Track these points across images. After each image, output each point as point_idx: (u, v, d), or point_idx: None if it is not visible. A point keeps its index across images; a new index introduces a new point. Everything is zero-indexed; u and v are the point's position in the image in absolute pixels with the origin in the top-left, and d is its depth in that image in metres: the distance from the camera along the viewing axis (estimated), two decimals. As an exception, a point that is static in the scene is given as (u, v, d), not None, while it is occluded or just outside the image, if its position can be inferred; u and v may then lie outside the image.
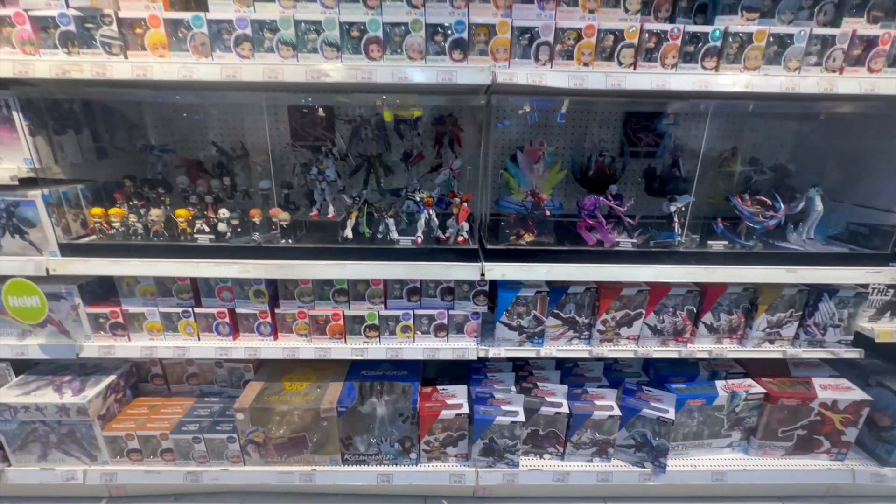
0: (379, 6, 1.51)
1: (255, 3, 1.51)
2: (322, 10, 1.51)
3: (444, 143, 2.13)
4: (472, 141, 2.08)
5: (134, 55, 1.51)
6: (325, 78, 1.48)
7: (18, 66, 1.46)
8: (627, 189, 2.26)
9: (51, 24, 1.47)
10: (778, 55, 1.56)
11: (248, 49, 1.51)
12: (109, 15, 1.46)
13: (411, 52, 1.52)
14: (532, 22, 1.49)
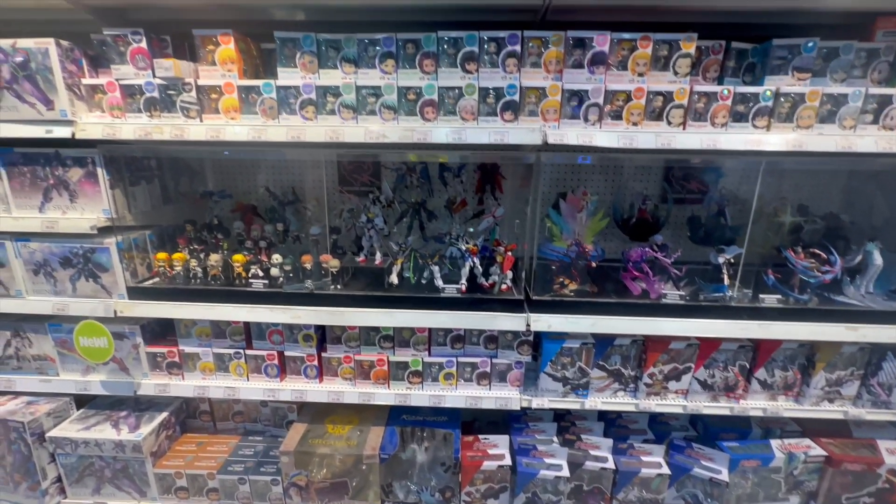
0: (434, 72, 1.59)
1: (320, 70, 1.62)
2: (381, 75, 1.61)
3: (486, 190, 2.18)
4: (513, 187, 2.12)
5: (208, 118, 1.64)
6: (382, 139, 1.56)
7: (107, 129, 1.60)
8: (671, 236, 2.24)
9: (137, 91, 1.62)
10: (832, 114, 1.55)
11: (312, 112, 1.61)
12: (190, 83, 1.59)
13: (464, 114, 1.59)
14: (582, 85, 1.54)
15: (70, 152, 1.71)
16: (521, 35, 1.53)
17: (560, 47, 1.54)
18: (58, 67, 1.55)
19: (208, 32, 1.57)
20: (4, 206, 1.77)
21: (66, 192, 1.75)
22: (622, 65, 1.55)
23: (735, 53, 1.62)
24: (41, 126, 1.61)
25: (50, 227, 1.73)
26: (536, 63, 1.57)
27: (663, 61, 1.56)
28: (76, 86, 1.62)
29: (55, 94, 1.58)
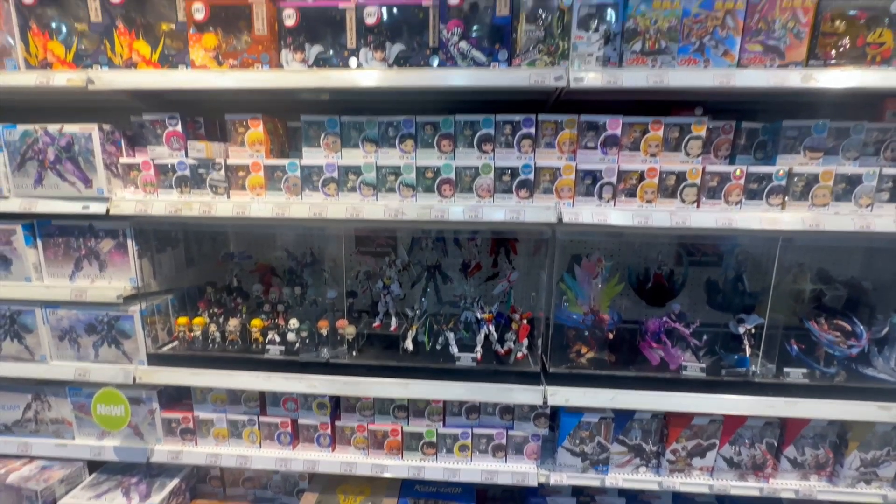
0: (452, 151, 1.66)
1: (343, 149, 1.70)
2: (401, 154, 1.68)
3: (501, 252, 2.20)
4: (527, 249, 2.14)
5: (236, 194, 1.71)
6: (401, 216, 1.61)
7: (140, 205, 1.69)
8: (689, 299, 2.22)
9: (170, 169, 1.71)
10: (847, 192, 1.56)
11: (334, 189, 1.67)
12: (219, 163, 1.68)
13: (480, 192, 1.64)
14: (595, 165, 1.59)
15: (103, 224, 1.79)
16: (535, 118, 1.60)
17: (573, 129, 1.60)
18: (98, 150, 1.65)
19: (239, 117, 1.67)
20: (37, 274, 1.85)
21: (97, 261, 1.82)
22: (634, 146, 1.60)
23: (746, 132, 1.66)
24: (79, 202, 1.70)
25: (78, 296, 1.79)
26: (551, 143, 1.63)
27: (675, 142, 1.60)
28: (114, 165, 1.72)
29: (94, 173, 1.67)
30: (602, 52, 1.51)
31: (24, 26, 1.63)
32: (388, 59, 1.57)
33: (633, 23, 1.45)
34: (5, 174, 1.71)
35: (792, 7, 1.42)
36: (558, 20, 1.50)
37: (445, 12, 1.50)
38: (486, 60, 1.52)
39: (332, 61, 1.59)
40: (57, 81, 1.59)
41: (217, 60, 1.58)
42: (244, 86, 1.55)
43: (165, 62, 1.63)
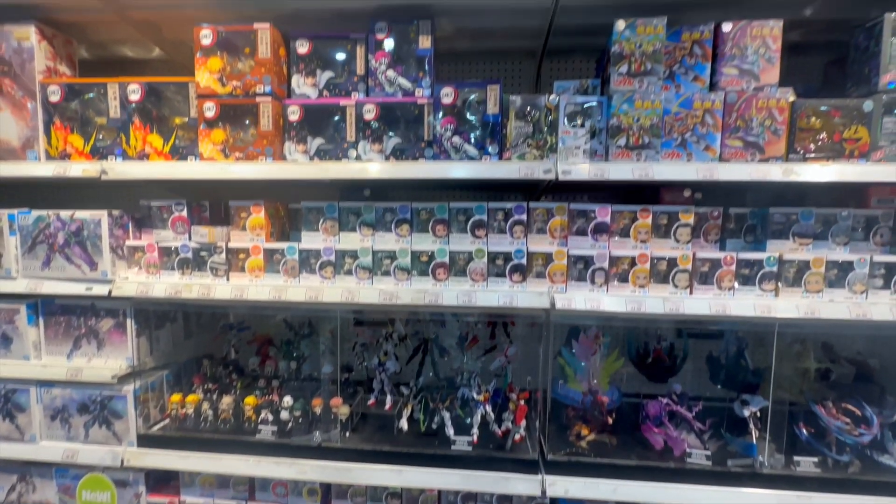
0: (446, 235, 1.70)
1: (340, 233, 1.75)
2: (396, 238, 1.72)
3: (499, 324, 2.20)
4: (524, 321, 2.14)
5: (235, 276, 1.75)
6: (396, 300, 1.63)
7: (141, 287, 1.73)
8: (690, 374, 2.17)
9: (174, 252, 1.76)
10: (840, 278, 1.56)
11: (330, 272, 1.71)
12: (221, 246, 1.73)
13: (474, 275, 1.66)
14: (587, 251, 1.62)
15: (105, 304, 1.82)
16: (526, 206, 1.65)
17: (564, 216, 1.64)
18: (106, 235, 1.72)
19: (242, 204, 1.74)
20: (36, 352, 1.86)
21: (95, 340, 1.84)
22: (625, 232, 1.63)
23: (734, 217, 1.70)
24: (83, 284, 1.75)
25: (74, 376, 1.79)
26: (542, 229, 1.67)
27: (664, 228, 1.63)
28: (120, 247, 1.78)
29: (100, 256, 1.73)
30: (588, 146, 1.59)
31: (49, 122, 1.75)
32: (385, 151, 1.66)
33: (617, 120, 1.53)
34: (16, 256, 1.78)
35: (767, 107, 1.49)
36: (546, 117, 1.59)
37: (439, 110, 1.60)
38: (478, 154, 1.60)
39: (333, 153, 1.68)
40: (73, 172, 1.68)
41: (224, 153, 1.67)
42: (247, 178, 1.63)
43: (176, 153, 1.73)
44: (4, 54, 1.73)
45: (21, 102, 1.74)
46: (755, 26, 1.51)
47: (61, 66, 1.83)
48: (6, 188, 2.21)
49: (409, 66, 1.66)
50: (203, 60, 1.64)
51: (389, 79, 1.65)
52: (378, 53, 1.65)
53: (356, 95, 1.69)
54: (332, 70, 1.69)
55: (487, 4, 1.67)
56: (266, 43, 1.62)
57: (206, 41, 1.63)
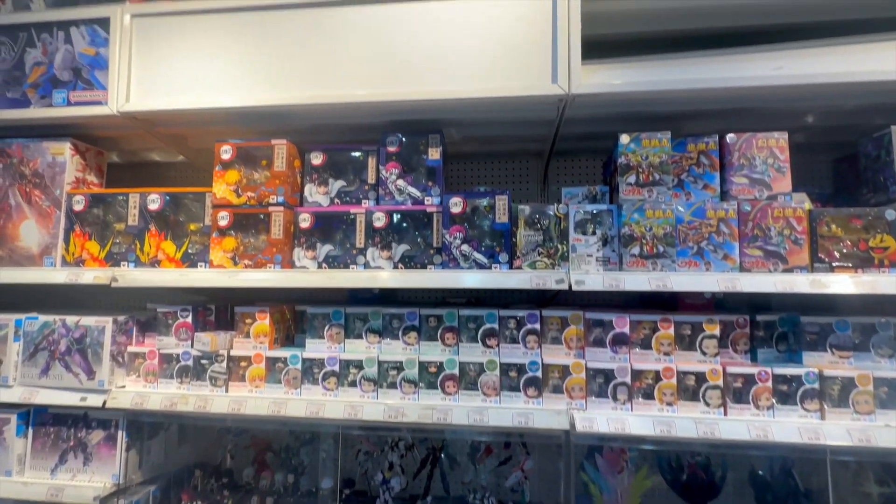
0: (456, 344, 1.62)
1: (346, 340, 1.68)
2: (404, 346, 1.65)
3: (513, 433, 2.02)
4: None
5: (234, 385, 1.67)
6: (402, 418, 1.51)
7: (136, 398, 1.65)
8: (732, 498, 1.92)
9: (174, 359, 1.71)
10: (893, 398, 1.41)
11: (334, 383, 1.62)
12: (222, 354, 1.68)
13: (486, 389, 1.55)
14: (606, 364, 1.51)
15: (98, 414, 1.74)
16: (539, 314, 1.58)
17: (579, 325, 1.56)
18: (108, 342, 1.68)
19: (247, 310, 1.71)
20: (20, 467, 1.75)
21: (83, 454, 1.73)
22: (646, 343, 1.53)
23: (762, 324, 1.59)
24: (78, 393, 1.68)
25: (54, 496, 1.66)
26: (557, 339, 1.58)
27: (688, 339, 1.53)
28: (121, 354, 1.73)
29: (99, 365, 1.68)
30: (601, 253, 1.55)
31: (70, 229, 1.81)
32: (394, 258, 1.64)
33: (629, 229, 1.51)
34: (15, 363, 1.74)
35: (784, 216, 1.46)
36: (556, 225, 1.58)
37: (448, 218, 1.60)
38: (488, 262, 1.57)
39: (341, 259, 1.67)
40: (85, 279, 1.69)
41: (233, 261, 1.68)
42: (254, 286, 1.62)
43: (188, 259, 1.74)
44: (39, 167, 1.84)
45: (47, 212, 1.81)
46: (760, 138, 1.53)
47: (90, 176, 1.93)
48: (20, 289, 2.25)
49: (418, 176, 1.70)
50: (221, 174, 1.71)
51: (399, 188, 1.69)
52: (389, 164, 1.70)
53: (366, 203, 1.71)
54: (343, 179, 1.74)
55: (494, 118, 1.74)
56: (282, 157, 1.69)
57: (226, 156, 1.71)
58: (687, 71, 1.51)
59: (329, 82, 1.63)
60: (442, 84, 1.58)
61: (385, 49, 1.61)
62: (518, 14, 1.56)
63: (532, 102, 1.57)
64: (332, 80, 1.63)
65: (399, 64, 1.60)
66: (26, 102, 1.80)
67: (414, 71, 1.60)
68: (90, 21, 1.77)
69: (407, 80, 1.60)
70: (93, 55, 1.76)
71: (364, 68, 1.62)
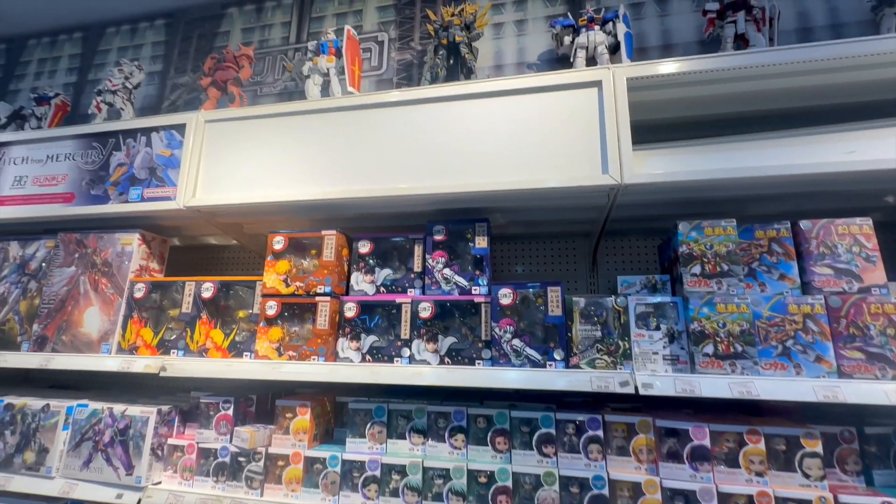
0: (508, 451, 1.47)
1: (388, 441, 1.57)
2: (450, 450, 1.51)
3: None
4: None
5: (270, 488, 1.56)
6: (449, 540, 1.34)
7: (171, 498, 1.58)
8: None
9: (212, 454, 1.64)
10: None
11: (374, 491, 1.48)
12: (260, 453, 1.60)
13: (544, 508, 1.36)
14: (686, 484, 1.30)
15: (131, 512, 1.67)
16: (601, 419, 1.42)
17: (649, 434, 1.38)
18: (150, 435, 1.65)
19: (289, 403, 1.65)
20: (48, 568, 1.67)
21: (111, 558, 1.64)
22: (731, 459, 1.32)
23: (873, 438, 1.35)
24: (114, 489, 1.63)
25: None
26: (624, 449, 1.40)
27: (784, 457, 1.31)
28: (161, 446, 1.69)
29: (139, 459, 1.64)
30: (668, 351, 1.41)
31: (128, 316, 1.88)
32: (440, 351, 1.56)
33: (699, 325, 1.37)
34: (61, 452, 1.73)
35: (884, 313, 1.28)
36: (615, 318, 1.47)
37: (498, 310, 1.53)
38: (542, 360, 1.46)
39: (386, 350, 1.61)
40: (136, 368, 1.71)
41: (278, 352, 1.65)
42: (298, 379, 1.57)
43: (234, 348, 1.74)
44: (109, 257, 1.96)
45: (110, 299, 1.90)
46: (840, 224, 1.40)
47: (152, 263, 2.04)
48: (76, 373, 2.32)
49: (465, 264, 1.67)
50: (272, 263, 1.75)
51: (446, 277, 1.65)
52: (435, 252, 1.68)
53: (412, 292, 1.68)
54: (390, 267, 1.74)
55: (542, 205, 1.72)
56: (331, 248, 1.72)
57: (278, 246, 1.76)
58: (748, 156, 1.45)
59: (377, 175, 1.69)
60: (489, 175, 1.59)
61: (433, 142, 1.67)
62: (565, 105, 1.59)
63: (582, 192, 1.54)
64: (379, 173, 1.69)
65: (446, 155, 1.65)
66: (106, 199, 1.97)
67: (461, 162, 1.63)
68: (170, 126, 1.97)
69: (454, 171, 1.63)
70: (168, 156, 1.94)
71: (412, 160, 1.67)
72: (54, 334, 1.91)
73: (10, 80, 3.25)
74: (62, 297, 1.95)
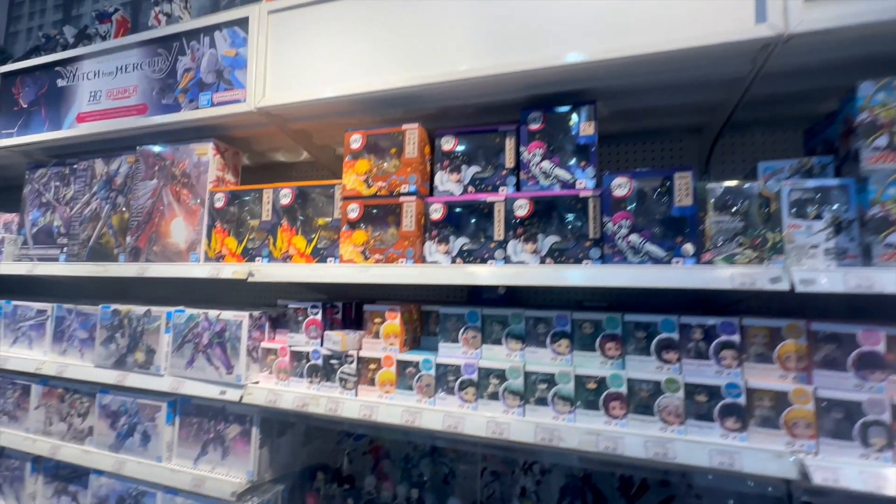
0: (620, 357, 1.33)
1: (483, 346, 1.48)
2: (552, 356, 1.40)
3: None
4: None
5: (363, 389, 1.55)
6: (558, 442, 1.26)
7: (270, 395, 1.62)
8: None
9: (304, 357, 1.65)
10: None
11: (472, 394, 1.42)
12: (352, 355, 1.58)
13: (666, 415, 1.23)
14: (848, 394, 1.11)
15: (234, 408, 1.75)
16: (738, 323, 1.23)
17: (801, 339, 1.18)
18: (245, 337, 1.68)
19: (378, 308, 1.60)
20: (168, 453, 1.82)
21: (221, 447, 1.74)
22: (910, 368, 1.10)
23: None
24: (217, 387, 1.70)
25: (196, 487, 1.69)
26: (765, 356, 1.21)
27: None
28: (255, 349, 1.73)
29: (237, 359, 1.68)
30: (833, 243, 1.15)
31: (211, 225, 1.87)
32: (541, 252, 1.40)
33: (880, 209, 1.10)
34: (166, 354, 1.82)
35: None
36: (760, 208, 1.22)
37: (610, 203, 1.33)
38: (666, 256, 1.26)
39: (477, 253, 1.48)
40: (225, 274, 1.72)
41: (364, 255, 1.57)
42: (386, 282, 1.49)
43: (317, 255, 1.68)
44: (186, 168, 1.93)
45: (193, 210, 1.90)
46: None
47: (228, 175, 2.00)
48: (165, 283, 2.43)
49: (566, 156, 1.45)
50: (351, 164, 1.62)
51: (545, 170, 1.45)
52: (532, 144, 1.47)
53: (504, 190, 1.51)
54: (477, 165, 1.56)
55: (661, 81, 1.43)
56: (413, 143, 1.56)
57: (356, 145, 1.62)
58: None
59: (460, 58, 1.46)
60: (597, 42, 1.32)
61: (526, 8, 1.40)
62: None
63: (724, 53, 1.24)
64: (463, 55, 1.46)
65: (543, 26, 1.38)
66: (177, 107, 1.90)
67: (561, 32, 1.36)
68: (232, 23, 1.82)
69: (553, 43, 1.37)
70: (233, 56, 1.81)
71: (501, 37, 1.42)
72: (146, 245, 1.96)
73: (73, 5, 3.23)
74: (148, 209, 1.97)
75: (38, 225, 2.27)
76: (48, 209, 2.25)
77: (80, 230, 2.14)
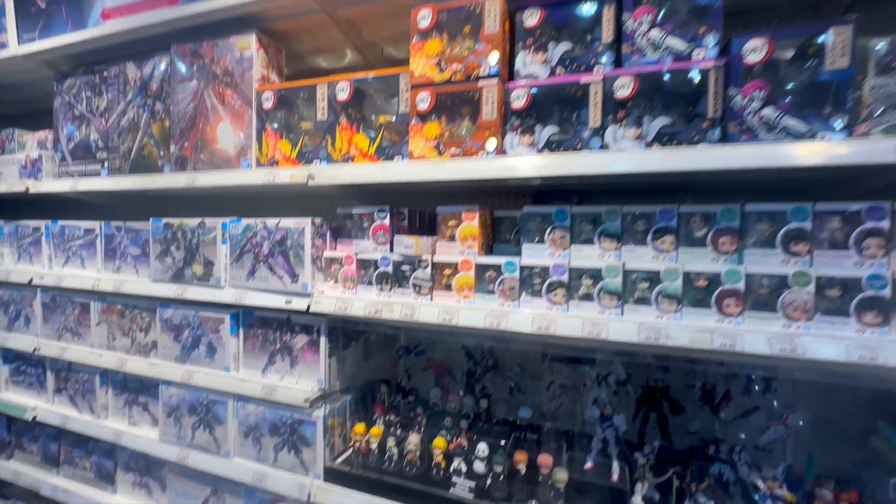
0: (735, 251, 1.19)
1: (572, 246, 1.36)
2: (654, 254, 1.27)
3: (756, 378, 1.58)
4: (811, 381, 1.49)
5: (438, 295, 1.47)
6: (665, 341, 1.17)
7: (339, 303, 1.55)
8: None
9: (372, 265, 1.56)
10: None
11: (562, 296, 1.32)
12: (426, 260, 1.48)
13: (791, 311, 1.12)
14: None
15: (300, 319, 1.70)
16: (890, 207, 1.06)
17: (966, 223, 1.02)
18: (308, 244, 1.59)
19: (453, 209, 1.47)
20: (235, 364, 1.82)
21: (289, 357, 1.72)
22: None
23: None
24: (283, 296, 1.64)
25: (268, 394, 1.69)
26: (917, 244, 1.06)
27: None
28: (318, 258, 1.65)
29: (301, 267, 1.61)
30: None
31: (261, 129, 1.72)
32: (647, 137, 1.23)
33: None
34: (225, 265, 1.76)
35: None
36: (937, 66, 1.01)
37: (738, 75, 1.13)
38: (809, 131, 1.08)
39: (569, 143, 1.31)
40: (281, 179, 1.60)
41: (438, 150, 1.42)
42: (465, 177, 1.35)
43: (382, 154, 1.54)
44: (228, 65, 1.75)
45: (239, 112, 1.74)
46: None
47: (272, 75, 1.82)
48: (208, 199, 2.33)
49: (681, 21, 1.23)
50: (420, 45, 1.42)
51: (653, 41, 1.24)
52: (638, 10, 1.25)
53: (600, 69, 1.30)
54: (568, 41, 1.34)
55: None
56: (494, 15, 1.34)
57: (424, 23, 1.41)
58: None
59: None
60: None
61: None
62: None
63: None
64: None
65: None
66: (213, -7, 1.69)
67: None
68: None
69: None
70: (273, -77, 1.56)
71: None
72: (192, 154, 1.83)
73: None
74: (191, 114, 1.82)
75: (73, 140, 2.15)
76: (82, 122, 2.12)
77: (119, 142, 2.02)
